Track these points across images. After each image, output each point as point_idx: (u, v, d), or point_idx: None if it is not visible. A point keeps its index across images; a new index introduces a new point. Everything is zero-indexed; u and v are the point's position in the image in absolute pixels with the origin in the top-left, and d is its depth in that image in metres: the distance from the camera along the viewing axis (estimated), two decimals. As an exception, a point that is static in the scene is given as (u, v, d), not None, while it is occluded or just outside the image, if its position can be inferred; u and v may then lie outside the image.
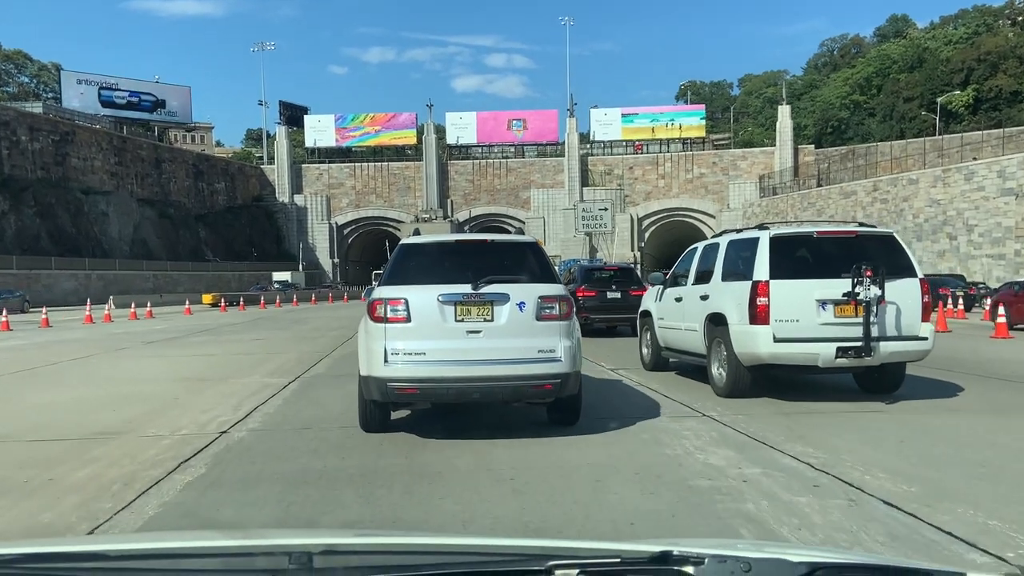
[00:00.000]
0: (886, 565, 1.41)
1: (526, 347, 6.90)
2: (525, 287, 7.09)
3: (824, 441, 6.85)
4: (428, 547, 1.59)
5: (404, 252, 7.67)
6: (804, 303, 8.84)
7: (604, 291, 19.54)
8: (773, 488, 5.35)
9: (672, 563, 1.32)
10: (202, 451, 6.89)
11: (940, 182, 53.16)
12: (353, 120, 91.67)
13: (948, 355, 13.28)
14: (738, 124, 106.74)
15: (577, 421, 7.56)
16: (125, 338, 21.77)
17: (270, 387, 11.13)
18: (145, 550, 1.62)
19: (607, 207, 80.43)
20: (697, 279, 10.74)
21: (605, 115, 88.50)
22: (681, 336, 11.04)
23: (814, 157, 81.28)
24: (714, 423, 7.85)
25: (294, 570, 1.32)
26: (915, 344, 9.03)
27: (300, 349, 17.23)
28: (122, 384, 11.78)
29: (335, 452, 6.78)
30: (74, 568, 1.38)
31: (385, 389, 6.84)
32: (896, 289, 8.82)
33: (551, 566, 1.29)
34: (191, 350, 17.58)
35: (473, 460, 6.35)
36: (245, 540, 1.79)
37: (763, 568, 1.31)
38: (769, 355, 8.86)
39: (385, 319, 6.89)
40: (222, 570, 1.44)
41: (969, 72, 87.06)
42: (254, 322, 29.69)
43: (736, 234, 10.38)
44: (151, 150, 78.10)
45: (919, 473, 5.78)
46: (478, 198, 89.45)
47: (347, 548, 1.56)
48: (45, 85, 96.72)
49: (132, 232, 70.56)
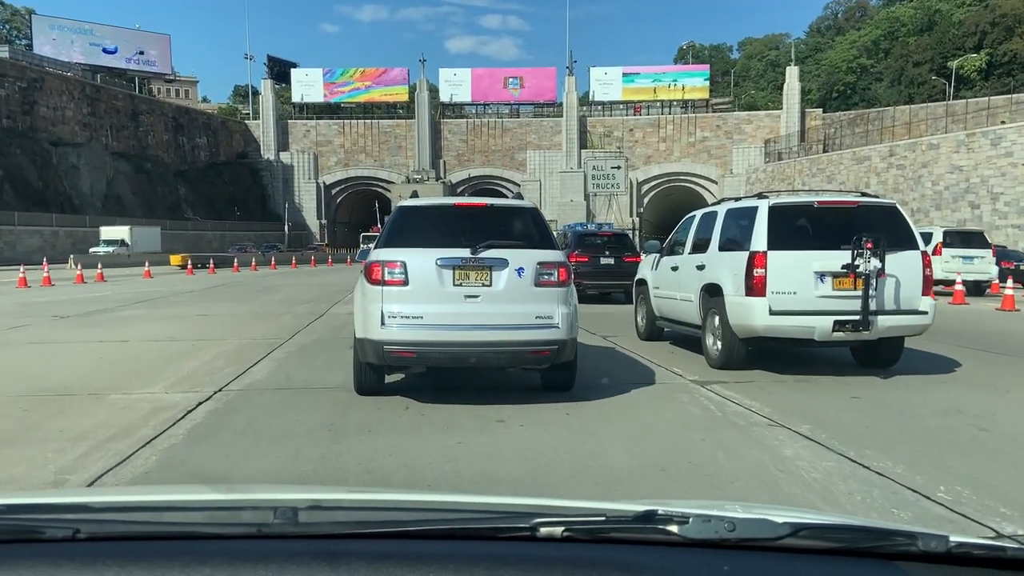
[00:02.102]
0: (870, 526, 1.41)
1: (524, 313, 6.80)
2: (524, 253, 6.92)
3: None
4: (414, 504, 1.59)
5: (402, 214, 7.47)
6: (802, 275, 8.52)
7: (598, 257, 18.96)
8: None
9: (657, 522, 1.32)
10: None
11: (963, 147, 49.32)
12: (342, 75, 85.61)
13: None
14: (739, 88, 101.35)
15: (572, 387, 7.42)
16: (37, 309, 16.89)
17: (158, 419, 6.36)
18: (129, 503, 1.59)
19: (620, 164, 73.24)
20: (694, 248, 10.34)
21: (605, 74, 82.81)
22: (676, 306, 10.63)
23: (821, 121, 76.40)
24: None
25: (279, 524, 1.31)
26: (915, 318, 8.72)
27: (248, 333, 12.46)
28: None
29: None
30: (56, 519, 1.33)
31: (381, 352, 6.68)
32: (897, 262, 8.52)
33: (536, 523, 1.30)
34: (100, 332, 12.76)
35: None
36: (230, 494, 1.79)
37: (747, 527, 1.32)
38: (764, 327, 8.56)
39: (383, 282, 6.72)
40: (206, 523, 1.39)
41: (983, 36, 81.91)
42: (212, 290, 24.75)
43: (735, 202, 9.98)
44: (127, 101, 72.02)
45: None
46: (472, 159, 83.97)
47: (333, 504, 1.52)
48: (18, 31, 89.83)
49: (105, 187, 64.92)
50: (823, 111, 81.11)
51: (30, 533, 1.29)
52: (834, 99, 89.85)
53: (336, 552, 1.22)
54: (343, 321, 14.27)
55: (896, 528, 1.39)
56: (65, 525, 1.30)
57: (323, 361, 9.52)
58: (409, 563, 1.19)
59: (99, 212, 62.48)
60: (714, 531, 1.31)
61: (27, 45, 76.75)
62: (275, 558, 1.20)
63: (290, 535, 1.31)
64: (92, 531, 1.28)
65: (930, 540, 1.29)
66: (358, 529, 1.34)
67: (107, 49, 75.86)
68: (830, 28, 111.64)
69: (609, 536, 1.33)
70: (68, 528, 1.28)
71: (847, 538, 1.35)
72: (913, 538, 1.31)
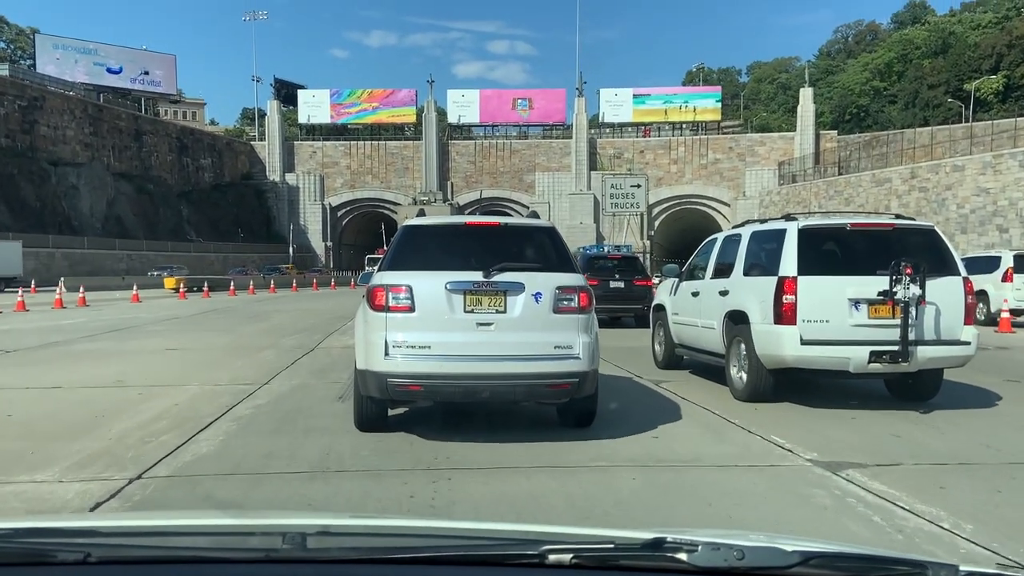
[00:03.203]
0: (879, 555, 1.39)
1: (542, 342, 6.12)
2: (541, 276, 6.28)
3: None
4: (422, 530, 1.57)
5: (408, 234, 6.74)
6: (835, 302, 7.87)
7: (607, 280, 18.25)
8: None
9: (666, 550, 1.31)
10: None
11: (990, 169, 47.51)
12: (350, 96, 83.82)
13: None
14: (748, 112, 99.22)
15: (591, 423, 6.61)
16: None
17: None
18: (138, 527, 1.59)
19: (640, 183, 69.60)
20: (716, 273, 9.74)
21: (616, 95, 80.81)
22: (697, 333, 10.01)
23: (836, 144, 74.04)
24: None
25: (288, 550, 1.30)
26: (956, 349, 8.02)
27: (215, 376, 9.98)
28: None
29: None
30: (67, 543, 1.34)
31: (384, 385, 5.99)
32: (937, 288, 7.87)
33: (545, 551, 1.28)
34: (35, 373, 10.25)
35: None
36: (239, 520, 1.77)
37: (757, 555, 1.30)
38: (795, 358, 7.90)
39: (387, 308, 6.08)
40: (215, 548, 1.38)
41: (999, 58, 79.89)
42: (198, 316, 22.27)
43: (760, 225, 9.31)
44: (130, 121, 70.15)
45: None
46: (480, 181, 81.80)
47: (342, 529, 1.52)
48: (23, 51, 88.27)
49: (105, 208, 62.82)
50: (838, 133, 78.87)
51: (42, 557, 1.28)
52: (847, 122, 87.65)
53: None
54: (336, 358, 11.78)
55: (906, 557, 1.34)
56: (76, 549, 1.29)
57: (299, 423, 7.03)
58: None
59: (99, 233, 60.38)
60: (723, 559, 1.28)
61: (31, 65, 75.03)
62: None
63: (299, 559, 1.29)
64: (103, 555, 1.28)
65: (939, 569, 1.26)
66: (367, 555, 1.31)
67: (111, 69, 74.14)
68: (840, 51, 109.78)
69: (618, 563, 1.30)
70: (79, 552, 1.27)
71: (857, 567, 1.32)
72: (923, 568, 1.27)
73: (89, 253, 54.77)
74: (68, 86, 67.85)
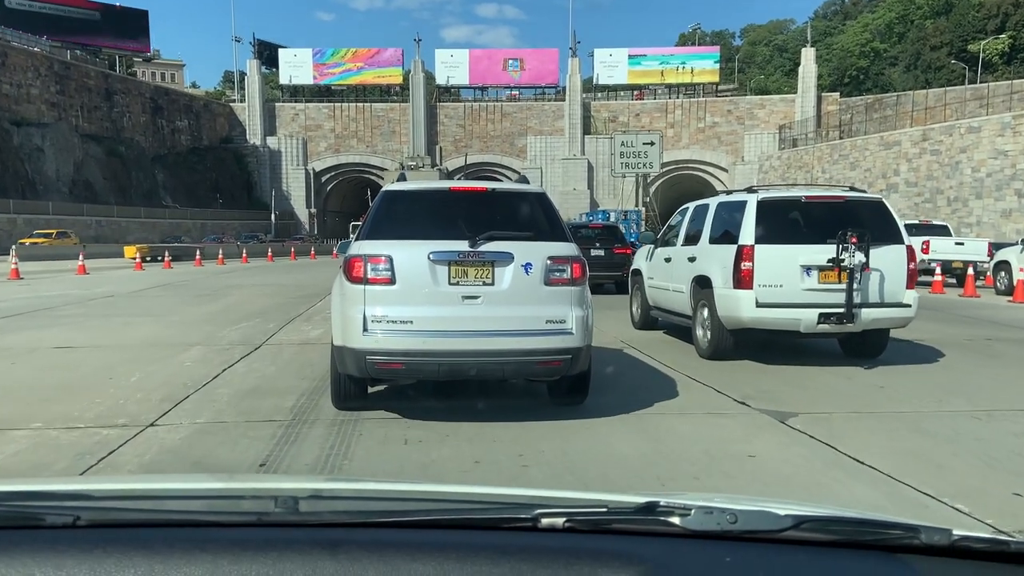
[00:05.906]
0: (873, 519, 1.39)
1: (532, 316, 5.67)
2: (532, 245, 5.78)
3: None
4: (415, 494, 1.54)
5: (388, 200, 6.14)
6: (788, 268, 8.39)
7: (588, 249, 18.05)
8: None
9: (658, 513, 1.31)
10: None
11: (1009, 130, 44.01)
12: (333, 55, 78.77)
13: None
14: (744, 75, 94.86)
15: (584, 401, 6.19)
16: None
17: None
18: (129, 491, 1.56)
19: (654, 140, 62.82)
20: (686, 240, 10.13)
21: (610, 55, 76.26)
22: (669, 296, 10.47)
23: (838, 106, 70.04)
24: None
25: (280, 513, 1.31)
26: (898, 311, 8.61)
27: (79, 408, 6.05)
28: None
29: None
30: (56, 506, 1.32)
31: (363, 363, 5.49)
32: (882, 256, 8.41)
33: (538, 514, 1.28)
34: None
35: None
36: (232, 483, 1.75)
37: (750, 519, 1.30)
38: (751, 320, 8.45)
39: (365, 280, 5.55)
40: (207, 511, 1.37)
41: (1005, 18, 75.87)
42: (140, 293, 18.17)
43: (726, 196, 9.82)
44: (100, 79, 65.03)
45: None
46: (469, 145, 77.32)
47: (334, 493, 1.51)
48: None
49: (73, 171, 58.05)
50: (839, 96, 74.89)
51: (31, 519, 1.26)
52: (846, 85, 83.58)
53: (337, 540, 1.20)
54: (285, 363, 7.94)
55: (899, 521, 1.34)
56: (66, 512, 1.27)
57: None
58: (410, 552, 1.18)
59: (66, 198, 55.78)
60: (716, 523, 1.29)
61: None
62: (275, 546, 1.18)
63: (291, 523, 1.28)
64: (93, 518, 1.27)
65: (933, 533, 1.28)
66: (359, 518, 1.31)
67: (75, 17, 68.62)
68: (836, 13, 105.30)
69: (611, 527, 1.31)
70: (69, 515, 1.26)
71: (850, 531, 1.33)
72: (916, 531, 1.29)
73: (54, 219, 50.25)
74: (33, 42, 62.62)
